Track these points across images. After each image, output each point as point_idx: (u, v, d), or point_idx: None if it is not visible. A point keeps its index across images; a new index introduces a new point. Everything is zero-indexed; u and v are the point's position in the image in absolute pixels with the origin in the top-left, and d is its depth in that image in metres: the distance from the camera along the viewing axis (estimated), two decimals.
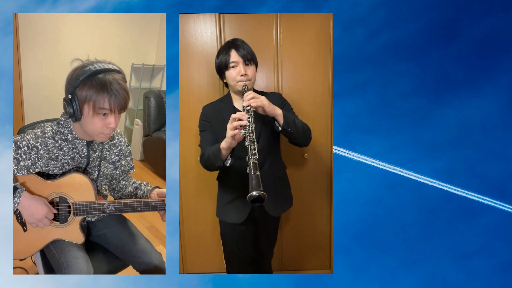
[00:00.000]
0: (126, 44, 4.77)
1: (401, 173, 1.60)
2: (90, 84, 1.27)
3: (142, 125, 4.49)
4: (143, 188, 1.62)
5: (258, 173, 1.35)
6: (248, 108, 1.48)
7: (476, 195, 1.56)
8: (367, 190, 1.61)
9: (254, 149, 1.42)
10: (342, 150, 1.64)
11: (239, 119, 1.43)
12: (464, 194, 1.57)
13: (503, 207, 1.55)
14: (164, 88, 5.02)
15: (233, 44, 1.68)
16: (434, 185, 1.58)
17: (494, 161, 1.57)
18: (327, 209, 2.42)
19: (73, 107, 1.29)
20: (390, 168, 1.60)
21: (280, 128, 1.56)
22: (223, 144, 1.49)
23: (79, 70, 1.29)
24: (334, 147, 1.65)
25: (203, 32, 2.18)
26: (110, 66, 1.33)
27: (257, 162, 1.39)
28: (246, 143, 1.43)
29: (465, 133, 1.59)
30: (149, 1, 1.77)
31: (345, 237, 1.61)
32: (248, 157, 1.40)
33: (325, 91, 2.25)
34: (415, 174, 1.59)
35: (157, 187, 1.61)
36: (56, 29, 4.13)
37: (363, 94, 1.64)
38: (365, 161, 1.62)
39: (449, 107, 1.61)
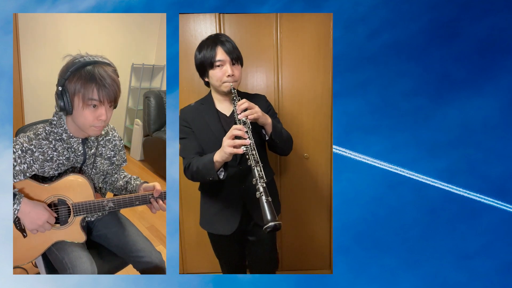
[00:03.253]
0: (126, 44, 4.77)
1: (402, 173, 1.60)
2: (79, 75, 1.28)
3: (142, 125, 4.49)
4: (132, 182, 1.63)
5: (270, 199, 1.23)
6: (245, 119, 1.38)
7: (478, 195, 1.56)
8: (368, 190, 1.61)
9: (261, 170, 1.29)
10: (343, 150, 1.63)
11: (240, 137, 1.33)
12: (465, 194, 1.56)
13: (504, 207, 1.54)
14: (164, 88, 5.02)
15: (219, 40, 1.52)
16: (435, 185, 1.58)
17: (495, 161, 1.57)
18: (327, 209, 2.42)
19: (64, 99, 1.29)
20: (391, 168, 1.60)
21: (267, 137, 1.48)
22: (217, 158, 1.37)
23: (69, 63, 1.31)
24: (335, 147, 1.65)
25: (203, 32, 2.18)
26: (100, 59, 1.34)
27: (266, 186, 1.26)
28: (251, 164, 1.31)
29: (466, 133, 1.59)
30: (149, 1, 1.77)
31: (346, 237, 1.61)
32: (256, 179, 1.28)
33: (325, 91, 2.24)
34: (416, 174, 1.59)
35: (145, 182, 1.61)
36: (56, 29, 4.12)
37: (364, 94, 1.64)
38: (366, 161, 1.61)
39: (450, 107, 1.60)
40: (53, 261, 1.52)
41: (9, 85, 1.73)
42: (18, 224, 1.43)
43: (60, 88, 1.29)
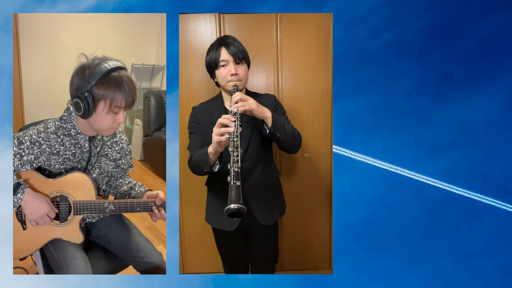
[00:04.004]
0: (126, 44, 4.77)
1: (403, 173, 1.59)
2: (108, 82, 1.30)
3: (142, 125, 4.48)
4: (137, 189, 1.64)
5: (239, 183, 1.27)
6: (235, 111, 1.41)
7: (479, 195, 1.55)
8: (369, 190, 1.61)
9: (237, 156, 1.34)
10: (344, 150, 1.63)
11: (226, 125, 1.37)
12: (466, 194, 1.56)
13: (505, 207, 1.54)
14: (164, 88, 5.02)
15: (224, 41, 1.60)
16: (436, 185, 1.58)
17: (496, 161, 1.57)
18: (327, 209, 2.42)
19: (89, 104, 1.31)
20: (392, 168, 1.60)
21: (267, 131, 1.49)
22: (210, 149, 1.43)
23: (92, 68, 1.31)
24: (335, 147, 1.65)
25: (203, 32, 2.17)
26: (120, 64, 1.36)
27: (239, 170, 1.31)
28: (229, 149, 1.36)
29: (468, 133, 1.59)
30: (149, 1, 1.77)
31: (347, 237, 1.60)
32: (230, 164, 1.33)
33: (325, 91, 2.24)
34: (417, 174, 1.59)
35: (149, 190, 1.62)
36: (56, 29, 4.12)
37: (365, 94, 1.64)
38: (367, 161, 1.61)
39: (451, 107, 1.60)
40: (50, 260, 1.53)
41: (9, 85, 1.73)
42: (19, 215, 1.44)
43: (86, 94, 1.30)
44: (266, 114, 1.46)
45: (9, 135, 1.65)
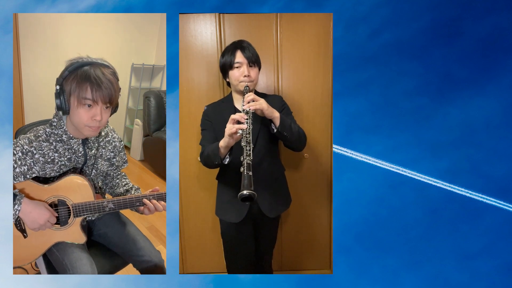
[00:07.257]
0: (126, 44, 4.77)
1: (404, 173, 1.59)
2: (75, 75, 1.29)
3: (142, 125, 4.48)
4: (133, 192, 1.64)
5: (250, 173, 1.41)
6: (248, 109, 1.53)
7: (480, 195, 1.55)
8: (370, 190, 1.61)
9: (249, 150, 1.47)
10: (344, 149, 1.63)
11: (238, 121, 1.48)
12: (467, 194, 1.56)
13: (506, 207, 1.54)
14: (164, 88, 5.02)
15: (239, 45, 1.71)
16: (437, 185, 1.58)
17: (497, 160, 1.57)
18: (327, 209, 2.42)
19: (60, 98, 1.31)
20: (392, 168, 1.60)
21: (275, 130, 1.60)
22: (222, 143, 1.54)
23: (68, 64, 1.32)
24: (336, 146, 1.65)
25: (203, 32, 2.17)
26: (99, 61, 1.35)
27: (251, 162, 1.44)
28: (242, 144, 1.47)
29: (468, 133, 1.59)
30: (149, 1, 1.77)
31: (347, 237, 1.60)
32: (243, 157, 1.46)
33: (325, 91, 2.24)
34: (418, 174, 1.59)
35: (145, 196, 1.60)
36: (56, 29, 4.12)
37: (366, 93, 1.64)
38: (368, 161, 1.61)
39: (452, 107, 1.60)
40: (53, 262, 1.52)
41: (9, 85, 1.73)
42: (18, 224, 1.43)
43: (57, 87, 1.31)
44: (275, 114, 1.58)
45: (9, 135, 1.65)
